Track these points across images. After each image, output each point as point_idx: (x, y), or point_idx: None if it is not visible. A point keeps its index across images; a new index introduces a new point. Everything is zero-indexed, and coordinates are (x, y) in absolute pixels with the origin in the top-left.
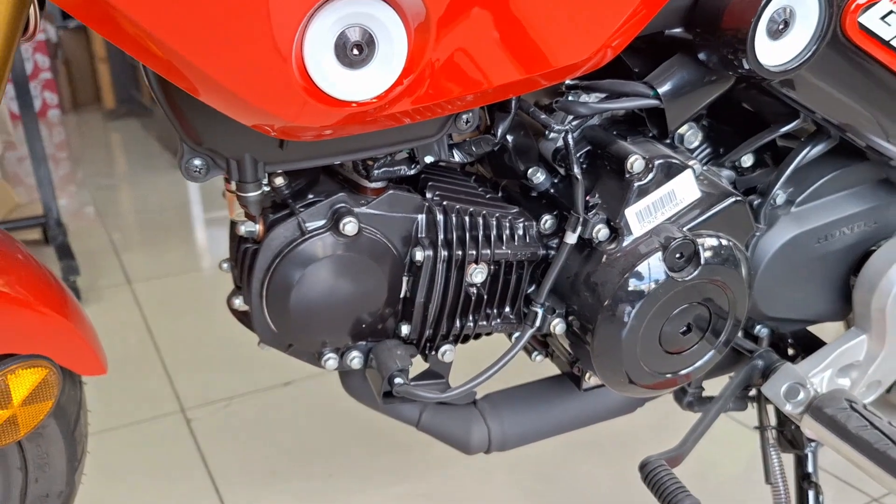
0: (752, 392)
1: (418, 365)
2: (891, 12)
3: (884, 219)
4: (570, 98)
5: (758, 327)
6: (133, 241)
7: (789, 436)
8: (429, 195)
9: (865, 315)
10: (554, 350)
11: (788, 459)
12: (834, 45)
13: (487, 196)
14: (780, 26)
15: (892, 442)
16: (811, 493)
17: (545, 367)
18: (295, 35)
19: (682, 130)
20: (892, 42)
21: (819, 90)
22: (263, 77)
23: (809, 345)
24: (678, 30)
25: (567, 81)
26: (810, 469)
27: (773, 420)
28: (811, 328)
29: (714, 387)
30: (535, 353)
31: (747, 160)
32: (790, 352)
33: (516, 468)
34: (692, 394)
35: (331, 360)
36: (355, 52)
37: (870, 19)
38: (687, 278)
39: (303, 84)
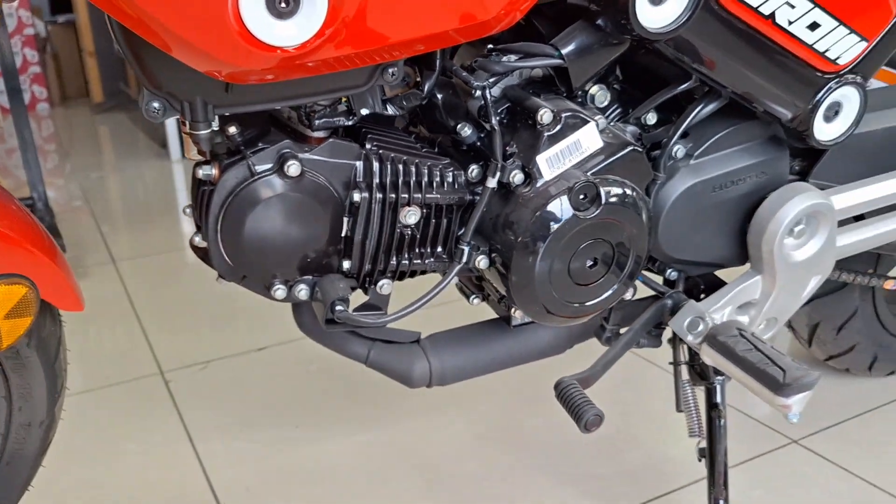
0: (670, 333)
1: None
2: None
3: (773, 171)
4: (489, 58)
5: (669, 271)
6: (119, 225)
7: (699, 369)
8: (368, 145)
9: (758, 257)
10: (489, 293)
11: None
12: (711, 12)
13: (423, 149)
14: None
15: (771, 361)
16: (718, 421)
17: (483, 312)
18: None
19: (592, 91)
20: (759, 9)
21: (702, 53)
22: (205, 24)
23: (717, 287)
24: None
25: (489, 46)
26: (718, 400)
27: (686, 357)
28: (722, 273)
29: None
30: (473, 296)
31: (651, 117)
32: (702, 295)
33: (475, 421)
34: (610, 330)
35: (279, 290)
36: (283, 4)
37: None
38: (589, 217)
39: (238, 30)
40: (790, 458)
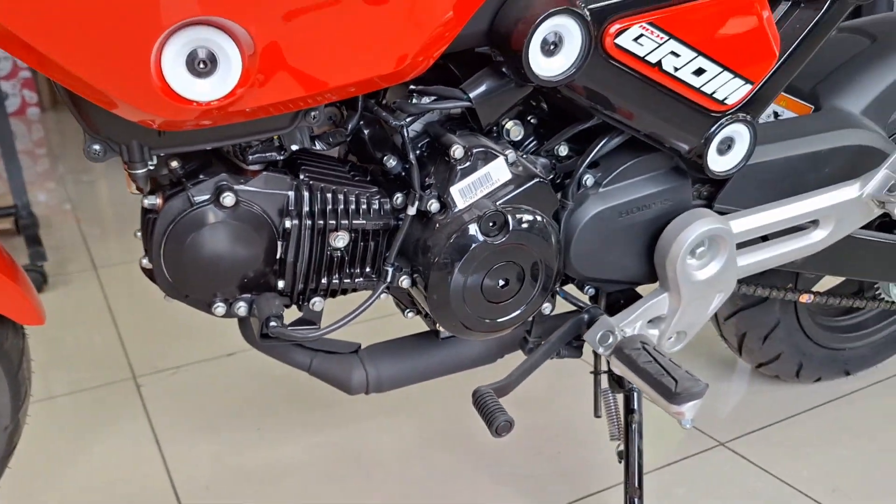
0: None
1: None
2: (641, 35)
3: (676, 198)
4: (409, 100)
5: (586, 287)
6: (103, 231)
7: (617, 378)
8: (301, 176)
9: (664, 276)
10: (423, 308)
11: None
12: (601, 61)
13: (355, 178)
14: (552, 46)
15: (666, 372)
16: (634, 426)
17: (420, 325)
18: (152, 52)
19: (507, 126)
20: (646, 58)
21: (598, 96)
22: (132, 83)
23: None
24: (485, 48)
25: (410, 87)
26: (634, 406)
27: (607, 366)
28: (642, 289)
29: None
30: (408, 310)
31: (563, 150)
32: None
33: (422, 425)
34: (532, 342)
35: (219, 307)
36: (202, 65)
37: (625, 41)
38: (497, 242)
39: (160, 86)
40: (716, 460)
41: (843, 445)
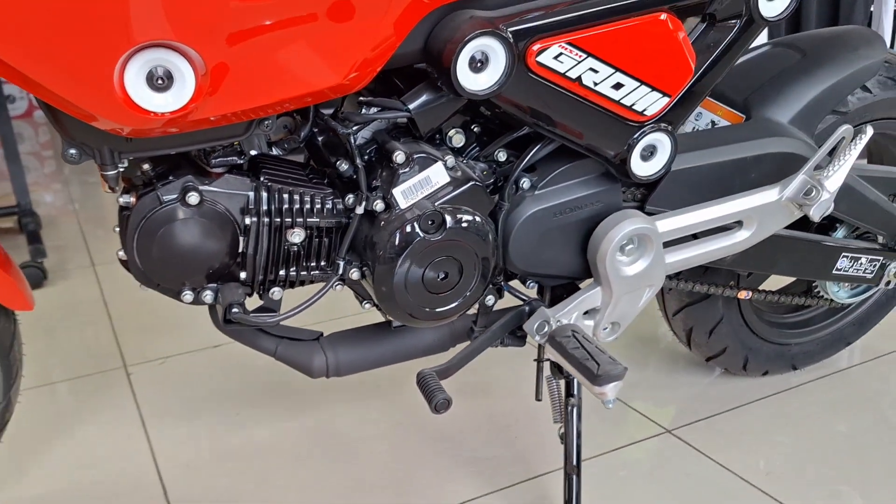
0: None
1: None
2: (561, 53)
3: (607, 200)
4: (358, 110)
5: (529, 282)
6: (103, 230)
7: (557, 365)
8: (261, 178)
9: (596, 272)
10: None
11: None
12: (525, 76)
13: (312, 180)
14: (479, 64)
15: (590, 357)
16: (572, 409)
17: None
18: (115, 69)
19: (450, 134)
20: (566, 74)
21: (525, 107)
22: (97, 96)
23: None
24: (422, 64)
25: (359, 98)
26: (574, 391)
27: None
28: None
29: None
30: (364, 301)
31: (502, 155)
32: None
33: (391, 410)
34: (478, 332)
35: (187, 295)
36: (160, 81)
37: (546, 59)
38: (433, 239)
39: (123, 98)
40: (661, 446)
41: (783, 434)
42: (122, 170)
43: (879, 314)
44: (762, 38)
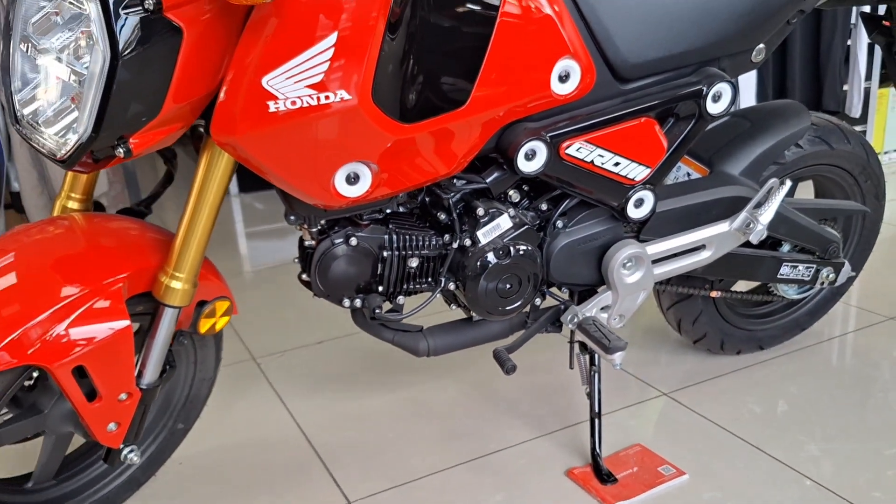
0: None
1: (424, 318)
2: (581, 147)
3: (613, 233)
4: (452, 182)
5: (563, 288)
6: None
7: (583, 344)
8: (390, 226)
9: (608, 281)
10: (461, 303)
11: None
12: (559, 161)
13: (423, 226)
14: (531, 155)
15: (604, 335)
16: (595, 375)
17: (461, 314)
18: (333, 176)
19: (511, 193)
20: (584, 158)
21: (561, 179)
22: (320, 190)
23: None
24: (494, 154)
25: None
26: (596, 362)
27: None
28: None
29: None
30: (452, 304)
31: (543, 206)
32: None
33: (463, 383)
34: (530, 322)
35: (346, 302)
36: (352, 179)
37: (571, 150)
38: (503, 263)
39: (333, 191)
40: (660, 405)
41: (752, 396)
42: (315, 229)
43: (827, 306)
44: (751, 76)
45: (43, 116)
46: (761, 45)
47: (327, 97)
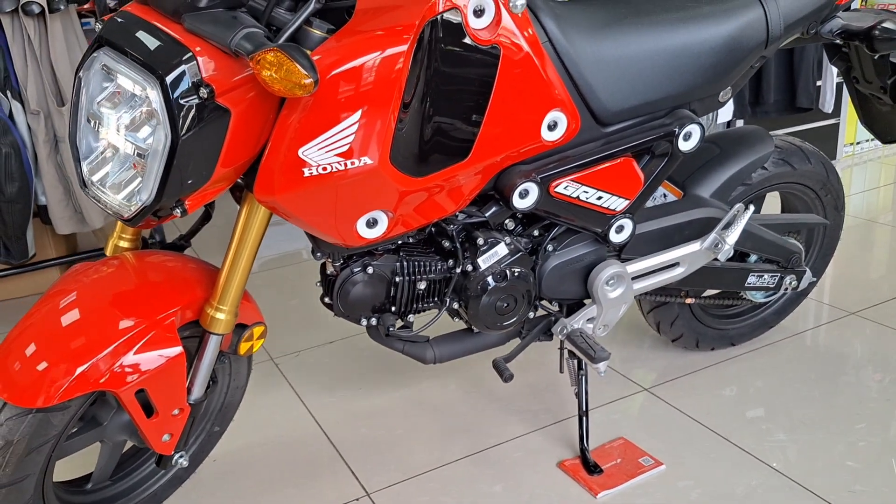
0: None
1: (435, 331)
2: (568, 185)
3: (597, 254)
4: (456, 216)
5: (553, 302)
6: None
7: (570, 351)
8: (401, 254)
9: (593, 296)
10: (464, 318)
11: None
12: (549, 197)
13: (429, 253)
14: (524, 193)
15: (590, 346)
16: (583, 377)
17: (462, 326)
18: (356, 223)
19: (506, 223)
20: (571, 194)
21: (550, 212)
22: (346, 233)
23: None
24: (492, 192)
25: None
26: (583, 367)
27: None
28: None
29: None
30: (455, 318)
31: (536, 232)
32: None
33: (462, 383)
34: (524, 333)
35: (363, 321)
36: (371, 224)
37: (560, 188)
38: (501, 285)
39: (358, 236)
40: (640, 399)
41: (725, 389)
42: (338, 263)
43: (792, 306)
44: (729, 107)
45: (109, 182)
46: (728, 87)
47: (352, 163)
